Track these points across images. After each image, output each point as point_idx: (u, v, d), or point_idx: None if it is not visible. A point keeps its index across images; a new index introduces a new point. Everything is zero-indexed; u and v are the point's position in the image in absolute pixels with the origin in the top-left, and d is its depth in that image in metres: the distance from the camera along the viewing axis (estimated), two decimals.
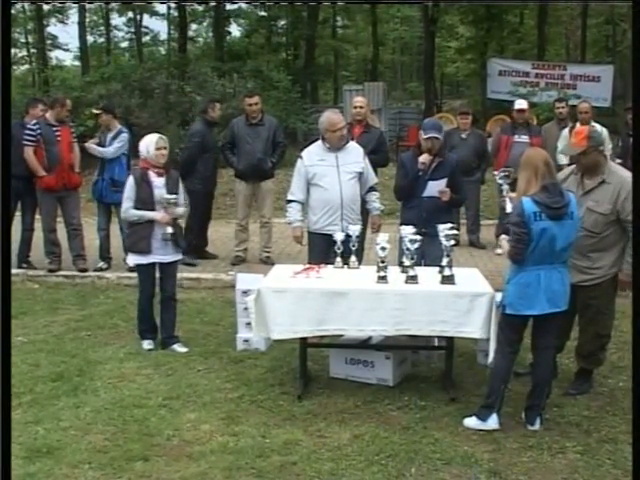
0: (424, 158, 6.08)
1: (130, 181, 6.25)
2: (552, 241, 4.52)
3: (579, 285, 5.14)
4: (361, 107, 8.06)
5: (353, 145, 6.52)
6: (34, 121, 8.51)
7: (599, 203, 5.08)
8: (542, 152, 4.82)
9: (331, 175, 6.27)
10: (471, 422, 4.80)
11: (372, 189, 6.57)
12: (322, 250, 6.28)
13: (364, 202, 6.59)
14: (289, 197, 6.51)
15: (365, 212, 6.70)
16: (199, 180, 9.11)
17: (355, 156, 6.41)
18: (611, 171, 5.18)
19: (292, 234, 6.62)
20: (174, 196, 6.19)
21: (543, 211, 4.46)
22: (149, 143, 6.20)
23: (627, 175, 5.08)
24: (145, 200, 6.16)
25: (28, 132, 8.37)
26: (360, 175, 6.39)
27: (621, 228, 5.11)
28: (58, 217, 8.88)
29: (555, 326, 4.84)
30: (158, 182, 6.22)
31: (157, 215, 6.16)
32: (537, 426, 4.76)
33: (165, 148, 6.22)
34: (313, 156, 6.37)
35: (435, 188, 6.10)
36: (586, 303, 5.27)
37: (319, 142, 6.41)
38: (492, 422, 4.74)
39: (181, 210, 6.44)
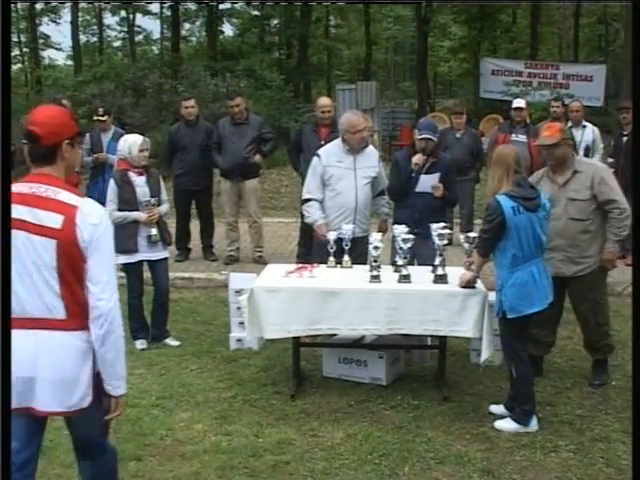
0: (417, 158, 5.96)
1: (111, 184, 6.22)
2: (534, 233, 4.60)
3: (574, 277, 5.27)
4: (329, 111, 8.08)
5: (370, 149, 6.31)
6: None
7: (578, 191, 5.22)
8: (513, 149, 4.95)
9: (347, 178, 6.05)
10: (510, 426, 4.69)
11: (382, 192, 6.37)
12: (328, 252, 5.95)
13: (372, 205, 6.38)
14: (306, 196, 6.20)
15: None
16: (174, 178, 9.24)
17: (372, 160, 6.21)
18: (580, 162, 5.40)
19: (317, 232, 6.12)
20: (153, 198, 6.18)
21: (520, 204, 4.55)
22: (132, 144, 6.17)
23: (597, 163, 5.43)
24: (129, 200, 6.14)
25: None
26: (374, 179, 6.21)
27: (602, 214, 5.24)
28: None
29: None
30: (139, 181, 6.21)
31: (142, 216, 6.15)
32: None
33: (147, 150, 6.21)
34: (331, 156, 6.11)
35: (428, 183, 5.97)
36: (581, 296, 5.36)
37: (338, 142, 6.17)
38: (533, 424, 4.71)
39: (164, 208, 6.39)
